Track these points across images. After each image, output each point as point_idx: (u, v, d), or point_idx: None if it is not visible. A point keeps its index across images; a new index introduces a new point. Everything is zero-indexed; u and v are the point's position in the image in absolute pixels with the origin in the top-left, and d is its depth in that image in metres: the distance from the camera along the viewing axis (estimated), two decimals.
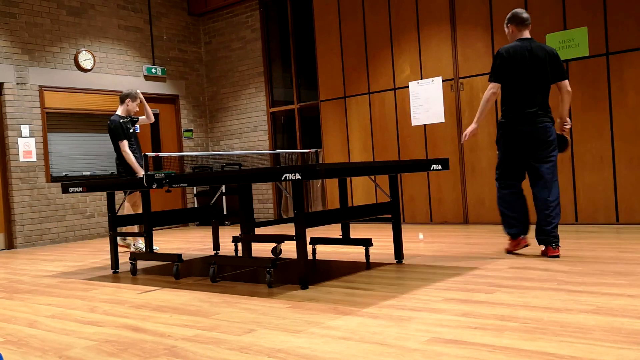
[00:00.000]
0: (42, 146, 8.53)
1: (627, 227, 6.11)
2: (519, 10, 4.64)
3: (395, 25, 7.95)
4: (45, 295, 4.38)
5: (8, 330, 3.33)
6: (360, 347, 2.54)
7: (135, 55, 9.85)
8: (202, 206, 7.35)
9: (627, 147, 6.31)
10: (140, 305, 3.76)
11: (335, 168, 3.81)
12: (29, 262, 6.48)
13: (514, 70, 4.53)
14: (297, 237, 3.86)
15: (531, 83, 4.54)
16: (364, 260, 4.94)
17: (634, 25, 6.22)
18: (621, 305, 2.95)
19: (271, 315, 3.22)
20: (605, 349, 2.31)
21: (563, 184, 6.69)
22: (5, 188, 8.28)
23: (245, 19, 10.22)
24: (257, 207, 10.08)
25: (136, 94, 6.80)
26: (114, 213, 5.28)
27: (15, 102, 8.31)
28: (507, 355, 2.30)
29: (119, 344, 2.87)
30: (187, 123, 10.58)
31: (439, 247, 5.53)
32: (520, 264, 4.29)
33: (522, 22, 4.59)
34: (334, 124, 8.64)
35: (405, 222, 8.00)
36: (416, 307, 3.17)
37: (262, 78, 10.03)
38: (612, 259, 4.27)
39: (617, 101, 6.35)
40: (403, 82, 7.92)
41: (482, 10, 7.19)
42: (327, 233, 7.03)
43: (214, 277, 4.41)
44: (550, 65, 4.57)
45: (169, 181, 4.36)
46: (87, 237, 8.98)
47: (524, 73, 4.53)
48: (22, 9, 8.48)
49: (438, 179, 7.68)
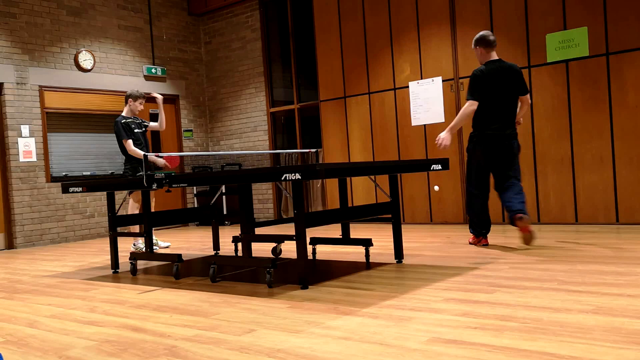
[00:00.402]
0: (42, 146, 8.53)
1: (627, 227, 6.11)
2: (486, 33, 5.18)
3: (395, 25, 7.95)
4: (45, 295, 4.38)
5: (8, 330, 3.33)
6: (360, 347, 2.54)
7: (135, 55, 9.85)
8: (202, 206, 7.35)
9: (627, 147, 6.31)
10: (140, 305, 3.76)
11: (335, 168, 3.81)
12: (29, 262, 6.48)
13: (490, 89, 5.09)
14: (297, 237, 3.87)
15: (505, 100, 5.14)
16: (364, 260, 4.94)
17: (634, 25, 6.22)
18: (621, 305, 2.95)
19: (271, 315, 3.22)
20: (605, 349, 2.31)
21: (563, 184, 6.70)
22: (5, 188, 8.28)
23: (245, 19, 10.22)
24: (257, 207, 10.09)
25: (138, 94, 6.79)
26: (114, 213, 5.28)
27: (15, 102, 8.31)
28: (507, 355, 2.30)
29: (119, 344, 2.87)
30: (187, 123, 10.59)
31: (439, 247, 5.53)
32: (520, 264, 4.29)
33: (489, 44, 5.16)
34: (334, 124, 8.64)
35: (405, 222, 8.00)
36: (416, 307, 3.17)
37: (262, 78, 10.03)
38: (612, 259, 4.27)
39: (617, 101, 6.35)
40: (403, 82, 7.92)
41: (482, 10, 7.19)
42: (327, 233, 7.04)
43: (214, 277, 4.41)
44: (518, 82, 5.19)
45: (169, 181, 4.36)
46: (87, 237, 8.98)
47: (499, 91, 5.11)
48: (22, 9, 8.48)
49: (438, 179, 7.68)
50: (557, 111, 6.73)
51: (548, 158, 6.80)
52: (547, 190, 6.81)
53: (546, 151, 6.81)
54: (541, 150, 6.84)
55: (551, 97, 6.76)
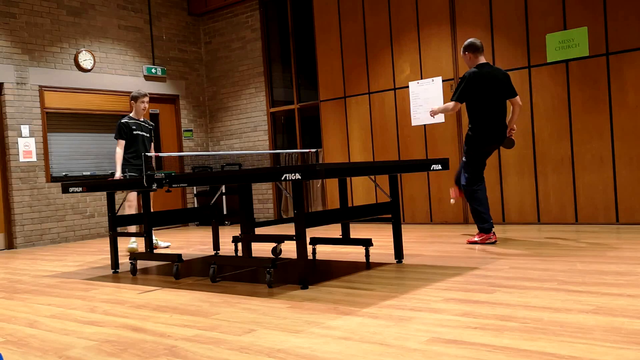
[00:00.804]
0: (42, 146, 8.53)
1: (627, 227, 6.11)
2: (474, 40, 5.49)
3: (395, 25, 7.95)
4: (45, 295, 4.38)
5: (8, 330, 3.33)
6: (360, 347, 2.54)
7: (135, 55, 9.85)
8: (202, 206, 7.35)
9: (627, 147, 6.31)
10: (140, 305, 3.76)
11: (335, 168, 3.81)
12: (29, 262, 6.48)
13: (484, 90, 5.36)
14: (297, 237, 3.87)
15: (497, 101, 5.43)
16: (364, 260, 4.94)
17: (634, 25, 6.22)
18: (621, 305, 2.95)
19: (271, 315, 3.22)
20: (605, 349, 2.31)
21: (563, 184, 6.70)
22: (5, 188, 8.28)
23: (245, 19, 10.22)
24: (257, 207, 10.08)
25: (137, 94, 6.78)
26: (114, 213, 5.28)
27: (15, 102, 8.31)
28: (507, 355, 2.30)
29: (119, 344, 2.87)
30: (187, 123, 10.58)
31: (439, 247, 5.53)
32: (520, 264, 4.29)
33: (477, 50, 5.47)
34: (334, 124, 8.64)
35: (405, 222, 8.00)
36: (416, 307, 3.17)
37: (262, 78, 10.03)
38: (612, 259, 4.27)
39: (617, 101, 6.35)
40: (403, 82, 7.92)
41: (482, 10, 7.19)
42: (327, 233, 7.04)
43: (214, 277, 4.41)
44: (507, 84, 5.49)
45: (169, 181, 4.36)
46: (87, 237, 8.98)
47: (491, 93, 5.39)
48: (22, 9, 8.48)
49: (438, 179, 7.68)
50: (557, 111, 6.73)
51: (548, 158, 6.80)
52: (547, 190, 6.81)
53: (546, 151, 6.81)
54: (541, 150, 6.84)
55: (551, 97, 6.76)
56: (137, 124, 6.74)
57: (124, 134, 6.64)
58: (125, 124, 6.66)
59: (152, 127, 6.94)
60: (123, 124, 6.64)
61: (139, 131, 6.71)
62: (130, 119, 6.73)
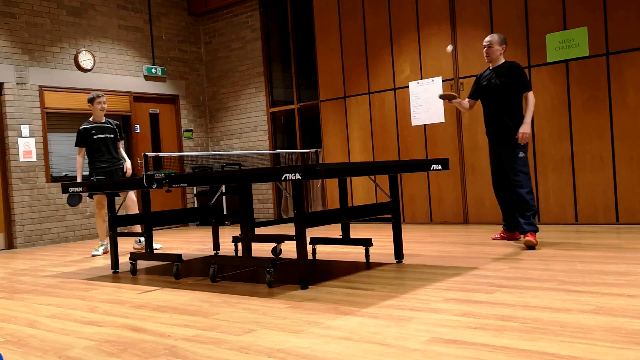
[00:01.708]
0: (42, 146, 8.53)
1: (627, 227, 6.11)
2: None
3: (395, 25, 7.95)
4: (45, 295, 4.38)
5: (8, 330, 3.33)
6: (360, 347, 2.54)
7: (135, 55, 9.85)
8: (202, 206, 7.35)
9: (627, 148, 6.31)
10: (140, 305, 3.76)
11: (335, 168, 3.81)
12: (29, 262, 6.48)
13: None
14: (297, 237, 3.87)
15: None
16: (364, 260, 4.94)
17: (634, 25, 6.22)
18: (621, 305, 2.95)
19: (271, 315, 3.22)
20: (605, 349, 2.31)
21: (563, 184, 6.70)
22: (5, 188, 8.28)
23: (245, 19, 10.22)
24: (257, 207, 10.09)
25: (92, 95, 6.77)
26: (114, 213, 5.28)
27: (15, 102, 8.31)
28: (507, 355, 2.30)
29: (119, 344, 2.87)
30: (187, 123, 10.58)
31: (439, 247, 5.53)
32: (520, 264, 4.29)
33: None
34: (334, 124, 8.64)
35: (405, 222, 8.00)
36: (416, 307, 3.17)
37: (262, 78, 10.03)
38: (612, 259, 4.27)
39: (617, 101, 6.35)
40: (403, 82, 7.92)
41: (482, 10, 7.19)
42: (327, 233, 7.03)
43: (214, 277, 4.41)
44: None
45: (169, 181, 4.36)
46: (87, 237, 8.98)
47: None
48: (22, 9, 8.48)
49: (438, 179, 7.68)
50: (557, 111, 6.73)
51: (548, 158, 6.80)
52: (547, 190, 6.81)
53: (546, 151, 6.81)
54: (541, 150, 6.84)
55: (551, 97, 6.76)
56: (97, 127, 6.74)
57: (83, 141, 6.68)
58: (83, 130, 6.68)
59: (116, 126, 6.90)
60: (81, 131, 6.68)
61: (99, 134, 6.71)
62: (90, 123, 6.74)
